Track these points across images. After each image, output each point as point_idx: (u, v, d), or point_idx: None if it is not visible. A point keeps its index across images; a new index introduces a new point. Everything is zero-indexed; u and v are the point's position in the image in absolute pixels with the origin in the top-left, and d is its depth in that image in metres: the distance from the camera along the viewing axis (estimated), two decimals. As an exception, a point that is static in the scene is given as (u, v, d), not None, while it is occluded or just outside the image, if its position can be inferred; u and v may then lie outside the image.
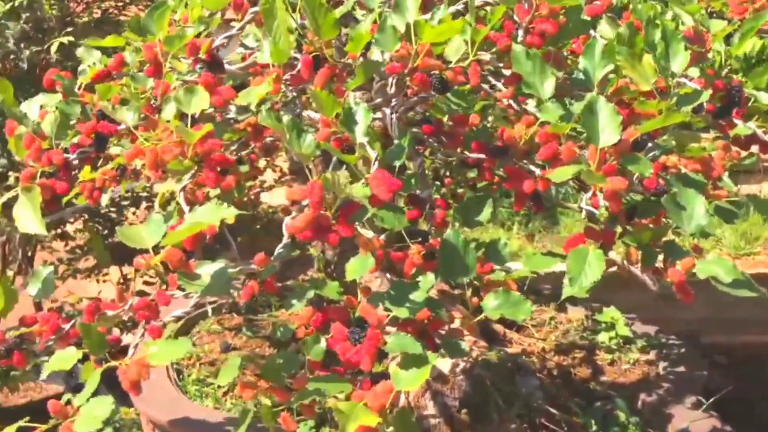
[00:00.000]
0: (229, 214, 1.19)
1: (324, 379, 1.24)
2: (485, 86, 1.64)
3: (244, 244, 3.47)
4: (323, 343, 1.26)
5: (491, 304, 1.32)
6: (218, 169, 1.31)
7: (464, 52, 1.47)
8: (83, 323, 1.23)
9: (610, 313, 2.28)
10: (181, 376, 2.03)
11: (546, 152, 1.29)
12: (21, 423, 1.30)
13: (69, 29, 3.24)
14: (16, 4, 3.09)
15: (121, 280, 3.83)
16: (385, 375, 1.25)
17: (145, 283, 3.44)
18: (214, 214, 1.20)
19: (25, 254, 3.68)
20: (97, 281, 3.79)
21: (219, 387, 1.94)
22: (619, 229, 1.37)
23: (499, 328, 2.29)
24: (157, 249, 1.28)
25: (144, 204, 3.72)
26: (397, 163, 1.37)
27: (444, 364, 1.72)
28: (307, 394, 1.22)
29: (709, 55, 1.63)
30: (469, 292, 2.22)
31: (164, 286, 1.71)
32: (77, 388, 3.06)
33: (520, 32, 1.41)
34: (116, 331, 2.77)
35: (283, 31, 1.31)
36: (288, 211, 3.75)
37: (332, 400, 1.17)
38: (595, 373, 2.13)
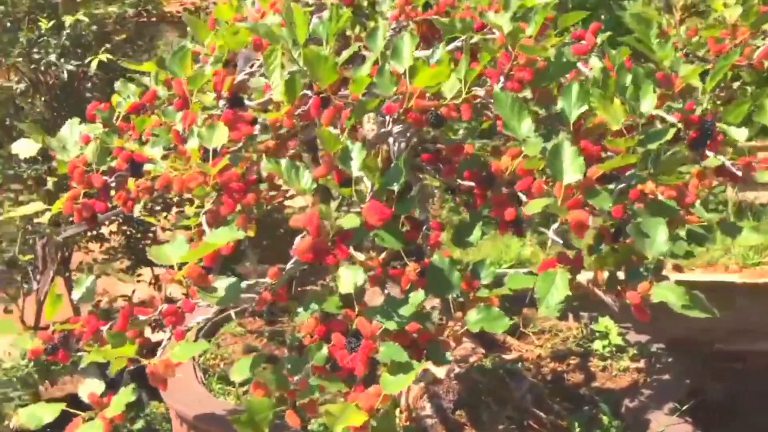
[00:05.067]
0: (239, 236, 1.38)
1: (323, 379, 1.42)
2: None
3: (269, 246, 3.68)
4: (325, 350, 1.43)
5: (473, 318, 1.49)
6: (235, 195, 1.50)
7: (459, 89, 1.64)
8: (115, 334, 1.42)
9: (604, 322, 2.43)
10: (207, 375, 2.22)
11: (522, 185, 1.46)
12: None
13: (106, 46, 3.47)
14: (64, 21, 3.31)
15: (153, 280, 4.07)
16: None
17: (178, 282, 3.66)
18: (227, 236, 1.39)
19: (63, 255, 3.91)
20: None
21: (241, 385, 2.13)
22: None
23: (500, 335, 2.46)
24: (181, 265, 1.46)
25: (175, 209, 3.94)
26: (396, 187, 1.52)
27: (440, 369, 1.88)
28: (308, 391, 1.41)
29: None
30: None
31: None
32: (111, 383, 3.28)
33: (502, 78, 1.58)
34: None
35: (279, 77, 1.49)
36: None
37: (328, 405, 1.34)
38: (588, 379, 2.28)
